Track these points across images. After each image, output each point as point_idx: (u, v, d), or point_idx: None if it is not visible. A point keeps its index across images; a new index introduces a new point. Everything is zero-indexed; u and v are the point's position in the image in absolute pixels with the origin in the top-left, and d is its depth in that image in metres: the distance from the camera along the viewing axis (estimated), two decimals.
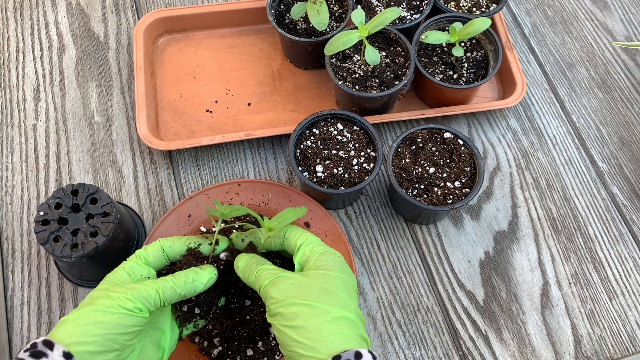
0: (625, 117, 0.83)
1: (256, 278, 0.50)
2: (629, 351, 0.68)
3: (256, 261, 0.52)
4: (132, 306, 0.46)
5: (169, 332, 0.52)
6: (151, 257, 0.52)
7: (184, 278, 0.50)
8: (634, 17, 0.92)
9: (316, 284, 0.48)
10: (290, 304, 0.46)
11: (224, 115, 0.81)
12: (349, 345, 0.44)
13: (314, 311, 0.45)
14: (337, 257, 0.51)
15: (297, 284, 0.48)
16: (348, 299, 0.48)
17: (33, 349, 0.42)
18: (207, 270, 0.52)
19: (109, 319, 0.44)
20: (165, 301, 0.49)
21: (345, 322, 0.45)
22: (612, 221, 0.76)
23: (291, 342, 0.45)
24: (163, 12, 0.84)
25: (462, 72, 0.77)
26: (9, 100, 0.81)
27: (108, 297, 0.46)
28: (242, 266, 0.53)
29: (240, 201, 0.72)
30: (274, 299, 0.47)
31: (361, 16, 0.71)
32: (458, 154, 0.69)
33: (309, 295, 0.46)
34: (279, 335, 0.46)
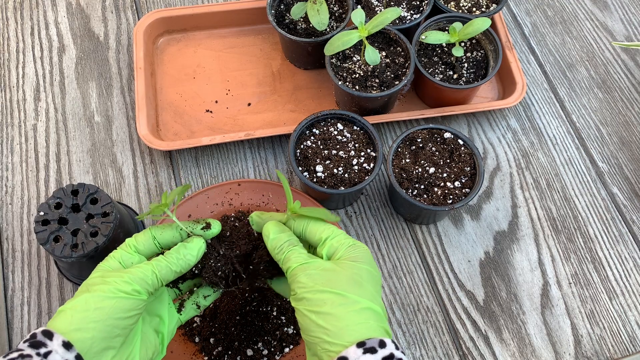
0: (625, 117, 0.83)
1: (285, 258, 0.50)
2: (629, 351, 0.68)
3: (288, 240, 0.52)
4: (130, 289, 0.45)
5: (166, 318, 0.52)
6: (141, 245, 0.52)
7: (175, 255, 0.50)
8: (634, 17, 0.92)
9: (346, 273, 0.48)
10: (318, 291, 0.46)
11: (224, 115, 0.81)
12: (373, 335, 0.44)
13: (342, 300, 0.45)
14: (365, 250, 0.51)
15: (327, 271, 0.48)
16: (374, 291, 0.48)
17: (32, 339, 0.42)
18: (194, 242, 0.52)
19: (108, 303, 0.44)
20: (162, 281, 0.48)
21: (371, 314, 0.46)
22: (612, 221, 0.76)
23: (315, 327, 0.45)
24: (163, 12, 0.84)
25: (462, 72, 0.77)
26: (9, 100, 0.81)
27: (105, 283, 0.45)
28: (272, 239, 0.52)
29: (240, 201, 0.72)
30: (302, 283, 0.47)
31: (361, 16, 0.71)
32: (458, 154, 0.69)
33: (338, 283, 0.46)
34: (302, 320, 0.46)
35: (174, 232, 0.53)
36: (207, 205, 0.71)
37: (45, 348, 0.41)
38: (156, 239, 0.52)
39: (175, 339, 0.65)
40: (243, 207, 0.72)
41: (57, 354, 0.41)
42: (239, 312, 0.65)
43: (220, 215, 0.71)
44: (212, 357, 0.64)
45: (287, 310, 0.66)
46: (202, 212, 0.71)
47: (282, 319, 0.66)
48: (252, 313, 0.65)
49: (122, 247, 0.51)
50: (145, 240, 0.52)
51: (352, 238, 0.53)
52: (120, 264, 0.49)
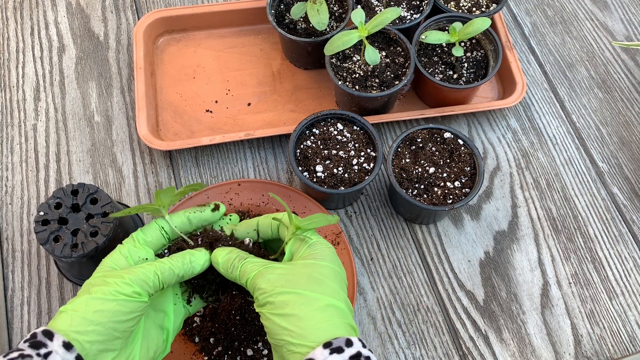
0: (625, 117, 0.83)
1: (241, 272, 0.49)
2: (629, 351, 0.68)
3: (238, 255, 0.51)
4: (131, 291, 0.45)
5: (172, 313, 0.51)
6: (149, 237, 0.51)
7: (180, 259, 0.50)
8: (634, 17, 0.92)
9: (305, 272, 0.47)
10: (279, 293, 0.46)
11: (224, 115, 0.81)
12: (338, 333, 0.43)
13: (303, 299, 0.45)
14: (328, 247, 0.51)
15: (285, 274, 0.47)
16: (338, 288, 0.48)
17: (33, 339, 0.41)
18: (202, 252, 0.51)
19: (108, 306, 0.44)
20: (164, 283, 0.48)
21: (334, 310, 0.45)
22: (612, 221, 0.76)
23: (280, 330, 0.44)
24: (163, 12, 0.84)
25: (462, 72, 0.77)
26: (9, 100, 0.81)
27: (105, 284, 0.45)
28: (222, 262, 0.51)
29: (240, 201, 0.72)
30: (262, 289, 0.47)
31: (361, 16, 0.71)
32: (458, 154, 0.69)
33: (297, 283, 0.46)
34: (267, 324, 0.46)
35: (183, 217, 0.53)
36: None
37: (46, 348, 0.41)
38: (164, 228, 0.52)
39: (175, 339, 0.65)
40: (243, 207, 0.72)
41: (57, 355, 0.40)
42: (239, 312, 0.65)
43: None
44: (212, 357, 0.64)
45: None
46: None
47: None
48: (252, 313, 0.65)
49: (128, 241, 0.50)
50: (152, 231, 0.52)
51: (319, 235, 0.53)
52: (127, 258, 0.49)
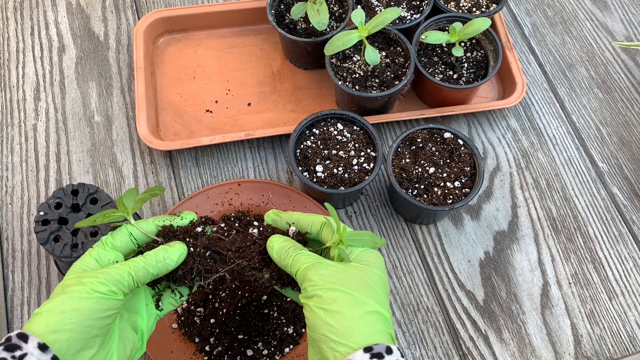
0: (625, 117, 0.83)
1: (294, 261, 0.50)
2: (629, 351, 0.68)
3: (293, 245, 0.52)
4: (106, 290, 0.45)
5: (145, 314, 0.52)
6: (118, 242, 0.51)
7: (154, 257, 0.50)
8: (634, 17, 0.92)
9: (357, 275, 0.48)
10: (329, 289, 0.46)
11: (224, 115, 0.81)
12: (380, 340, 0.44)
13: (352, 299, 0.45)
14: (379, 257, 0.51)
15: (338, 272, 0.48)
16: (384, 296, 0.48)
17: (7, 342, 0.41)
18: (176, 247, 0.51)
19: (84, 305, 0.44)
20: (139, 282, 0.48)
21: (378, 317, 0.46)
22: (612, 221, 0.76)
23: (323, 325, 0.44)
24: (163, 12, 0.84)
25: (462, 72, 0.77)
26: (9, 100, 0.81)
27: (80, 284, 0.45)
28: (277, 248, 0.52)
29: (240, 201, 0.72)
30: (313, 281, 0.47)
31: (361, 16, 0.71)
32: (458, 154, 0.69)
33: (348, 283, 0.46)
34: (310, 317, 0.46)
35: (151, 225, 0.53)
36: (207, 205, 0.71)
37: (20, 351, 0.41)
38: (132, 234, 0.52)
39: (175, 339, 0.65)
40: (243, 207, 0.72)
41: (32, 356, 0.40)
42: (239, 312, 0.65)
43: (220, 215, 0.71)
44: (212, 357, 0.64)
45: (287, 310, 0.66)
46: (202, 212, 0.71)
47: (282, 319, 0.66)
48: (252, 313, 0.65)
49: (98, 245, 0.51)
50: (122, 236, 0.51)
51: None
52: (97, 261, 0.49)
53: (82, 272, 0.47)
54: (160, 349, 0.64)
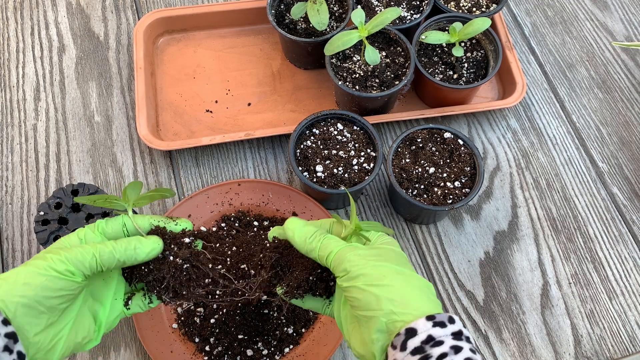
0: (625, 117, 0.83)
1: (323, 246, 0.49)
2: (629, 351, 0.68)
3: (318, 230, 0.51)
4: (64, 268, 0.44)
5: (108, 306, 0.50)
6: (110, 229, 0.50)
7: (125, 244, 0.49)
8: (634, 17, 0.92)
9: (391, 254, 0.48)
10: (374, 266, 0.46)
11: (224, 115, 0.81)
12: (439, 310, 0.44)
13: (402, 275, 0.46)
14: (394, 240, 0.52)
15: (374, 250, 0.48)
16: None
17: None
18: (151, 240, 0.50)
19: (37, 281, 0.43)
20: (103, 266, 0.47)
21: (427, 288, 0.46)
22: (612, 221, 0.76)
23: (378, 300, 0.44)
24: (163, 12, 0.84)
25: (462, 72, 0.77)
26: (9, 100, 0.81)
27: (43, 259, 0.45)
28: (300, 232, 0.50)
29: (240, 201, 0.72)
30: (354, 261, 0.46)
31: (361, 16, 0.71)
32: (458, 154, 0.69)
33: (389, 260, 0.47)
34: (360, 296, 0.45)
35: (146, 223, 0.52)
36: (207, 205, 0.71)
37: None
38: (126, 226, 0.51)
39: (175, 339, 0.65)
40: (243, 207, 0.72)
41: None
42: (239, 312, 0.65)
43: (220, 215, 0.71)
44: (212, 357, 0.64)
45: (287, 310, 0.66)
46: (202, 212, 0.71)
47: (282, 319, 0.66)
48: (252, 313, 0.65)
49: (89, 227, 0.50)
50: (115, 224, 0.50)
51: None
52: (81, 241, 0.48)
53: (55, 247, 0.46)
54: (160, 349, 0.64)
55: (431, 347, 0.41)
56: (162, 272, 0.50)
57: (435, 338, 0.42)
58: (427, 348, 0.41)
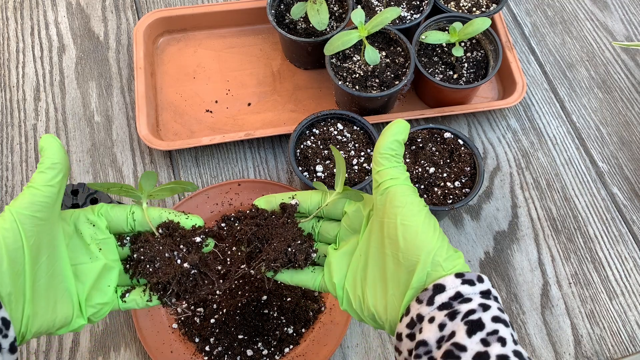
0: (626, 117, 0.83)
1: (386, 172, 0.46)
2: (629, 351, 0.68)
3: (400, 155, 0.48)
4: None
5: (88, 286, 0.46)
6: (114, 215, 0.48)
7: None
8: (634, 17, 0.92)
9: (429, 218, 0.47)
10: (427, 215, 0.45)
11: (224, 115, 0.81)
12: (468, 269, 0.44)
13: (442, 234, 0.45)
14: None
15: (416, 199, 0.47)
16: None
17: None
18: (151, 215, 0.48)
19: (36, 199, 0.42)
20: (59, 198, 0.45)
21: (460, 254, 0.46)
22: (612, 221, 0.76)
23: (433, 249, 0.44)
24: (163, 12, 0.84)
25: (462, 72, 0.76)
26: (9, 100, 0.81)
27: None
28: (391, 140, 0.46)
29: (240, 201, 0.72)
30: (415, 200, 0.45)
31: (361, 16, 0.71)
32: (458, 154, 0.69)
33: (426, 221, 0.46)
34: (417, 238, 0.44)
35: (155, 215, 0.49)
36: (207, 205, 0.71)
37: None
38: (134, 215, 0.48)
39: (175, 339, 0.65)
40: (243, 207, 0.72)
41: None
42: (238, 312, 0.65)
43: (220, 215, 0.71)
44: (212, 357, 0.64)
45: (287, 310, 0.66)
46: (202, 212, 0.71)
47: (282, 319, 0.66)
48: (252, 313, 0.65)
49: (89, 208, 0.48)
50: (121, 213, 0.48)
51: None
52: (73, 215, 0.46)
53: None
54: (160, 349, 0.64)
55: (459, 303, 0.41)
56: (168, 277, 0.47)
57: (463, 295, 0.42)
58: (455, 304, 0.41)
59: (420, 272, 0.43)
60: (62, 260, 0.46)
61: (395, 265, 0.45)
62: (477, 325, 0.40)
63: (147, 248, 0.48)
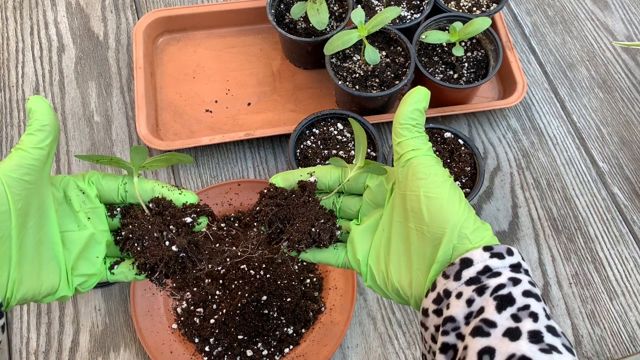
0: (626, 117, 0.83)
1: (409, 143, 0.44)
2: (630, 351, 0.68)
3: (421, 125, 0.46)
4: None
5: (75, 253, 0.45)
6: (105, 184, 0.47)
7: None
8: (634, 17, 0.92)
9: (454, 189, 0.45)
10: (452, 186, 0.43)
11: (224, 115, 0.81)
12: (497, 242, 0.42)
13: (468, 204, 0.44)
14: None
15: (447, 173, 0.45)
16: None
17: None
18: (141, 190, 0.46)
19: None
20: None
21: (489, 227, 0.44)
22: (613, 221, 0.76)
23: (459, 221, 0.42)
24: (163, 11, 0.83)
25: (463, 72, 0.76)
26: (9, 100, 0.81)
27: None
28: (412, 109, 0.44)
29: (240, 201, 0.72)
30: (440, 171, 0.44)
31: (361, 16, 0.71)
32: (458, 153, 0.69)
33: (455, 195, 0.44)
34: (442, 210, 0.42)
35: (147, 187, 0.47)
36: None
37: None
38: (125, 186, 0.47)
39: (175, 339, 0.65)
40: (243, 207, 0.72)
41: None
42: (238, 313, 0.65)
43: (220, 215, 0.71)
44: (212, 358, 0.64)
45: (287, 310, 0.66)
46: None
47: (282, 319, 0.65)
48: (252, 313, 0.65)
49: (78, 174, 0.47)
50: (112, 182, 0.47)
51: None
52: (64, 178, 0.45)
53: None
54: (160, 349, 0.64)
55: (488, 277, 0.39)
56: (155, 259, 0.45)
57: (492, 269, 0.40)
58: (483, 279, 0.39)
59: (446, 245, 0.41)
60: (51, 227, 0.44)
61: (419, 240, 0.43)
62: (507, 301, 0.38)
63: (136, 226, 0.46)
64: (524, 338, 0.36)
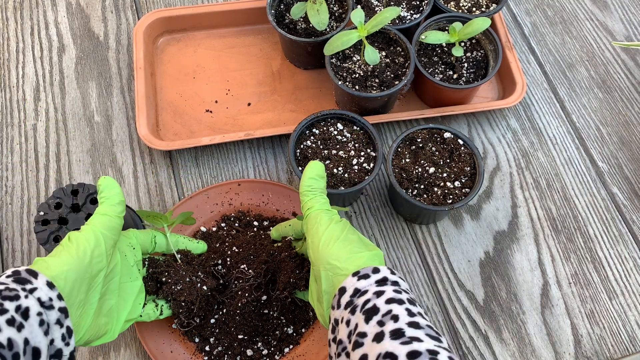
0: (625, 117, 0.83)
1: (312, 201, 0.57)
2: (629, 351, 0.68)
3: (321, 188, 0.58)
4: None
5: (130, 305, 0.54)
6: (141, 237, 0.58)
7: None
8: (634, 17, 0.92)
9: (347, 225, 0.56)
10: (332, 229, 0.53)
11: (224, 115, 0.81)
12: (366, 264, 0.49)
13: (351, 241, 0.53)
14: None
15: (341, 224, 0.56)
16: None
17: (16, 275, 0.43)
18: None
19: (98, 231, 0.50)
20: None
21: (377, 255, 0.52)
22: (612, 221, 0.76)
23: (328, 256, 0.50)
24: (163, 12, 0.84)
25: (462, 72, 0.76)
26: (9, 100, 0.81)
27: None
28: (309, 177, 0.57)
29: (240, 201, 0.72)
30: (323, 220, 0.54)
31: (360, 16, 0.71)
32: (458, 153, 0.69)
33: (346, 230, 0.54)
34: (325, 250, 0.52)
35: (175, 240, 0.62)
36: (207, 205, 0.71)
37: (31, 284, 0.43)
38: (155, 239, 0.59)
39: (175, 339, 0.65)
40: (243, 207, 0.72)
41: (41, 291, 0.43)
42: (238, 312, 0.65)
43: (220, 215, 0.71)
44: (212, 357, 0.64)
45: (287, 310, 0.66)
46: (202, 212, 0.71)
47: (282, 319, 0.66)
48: (252, 313, 0.65)
49: (127, 232, 0.57)
50: (145, 235, 0.58)
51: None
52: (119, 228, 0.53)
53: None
54: (160, 349, 0.64)
55: (357, 297, 0.46)
56: (191, 297, 0.59)
57: (360, 289, 0.46)
58: (355, 300, 0.46)
59: (324, 278, 0.50)
60: (117, 279, 0.53)
61: (314, 279, 0.52)
62: (372, 311, 0.44)
63: (172, 272, 0.59)
64: (387, 338, 0.41)
